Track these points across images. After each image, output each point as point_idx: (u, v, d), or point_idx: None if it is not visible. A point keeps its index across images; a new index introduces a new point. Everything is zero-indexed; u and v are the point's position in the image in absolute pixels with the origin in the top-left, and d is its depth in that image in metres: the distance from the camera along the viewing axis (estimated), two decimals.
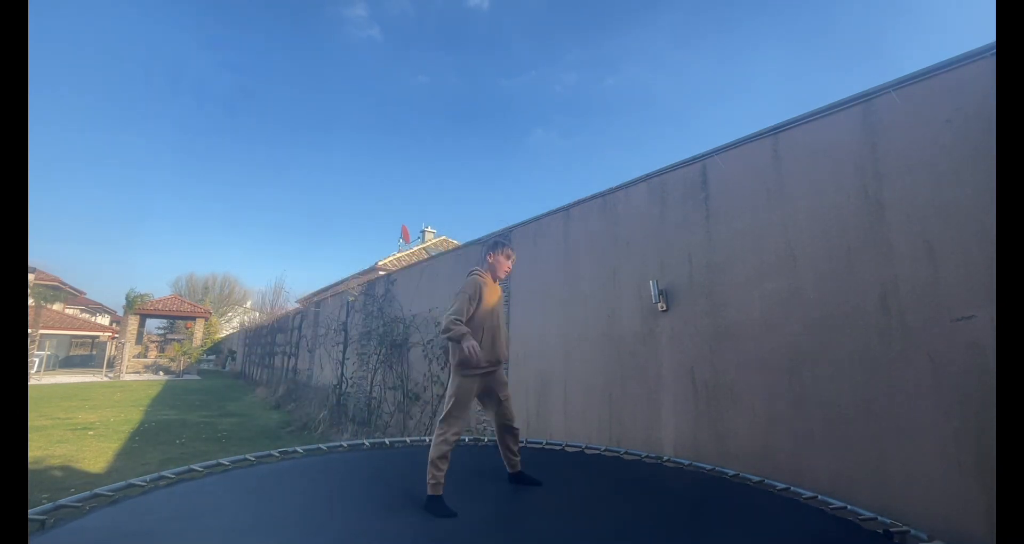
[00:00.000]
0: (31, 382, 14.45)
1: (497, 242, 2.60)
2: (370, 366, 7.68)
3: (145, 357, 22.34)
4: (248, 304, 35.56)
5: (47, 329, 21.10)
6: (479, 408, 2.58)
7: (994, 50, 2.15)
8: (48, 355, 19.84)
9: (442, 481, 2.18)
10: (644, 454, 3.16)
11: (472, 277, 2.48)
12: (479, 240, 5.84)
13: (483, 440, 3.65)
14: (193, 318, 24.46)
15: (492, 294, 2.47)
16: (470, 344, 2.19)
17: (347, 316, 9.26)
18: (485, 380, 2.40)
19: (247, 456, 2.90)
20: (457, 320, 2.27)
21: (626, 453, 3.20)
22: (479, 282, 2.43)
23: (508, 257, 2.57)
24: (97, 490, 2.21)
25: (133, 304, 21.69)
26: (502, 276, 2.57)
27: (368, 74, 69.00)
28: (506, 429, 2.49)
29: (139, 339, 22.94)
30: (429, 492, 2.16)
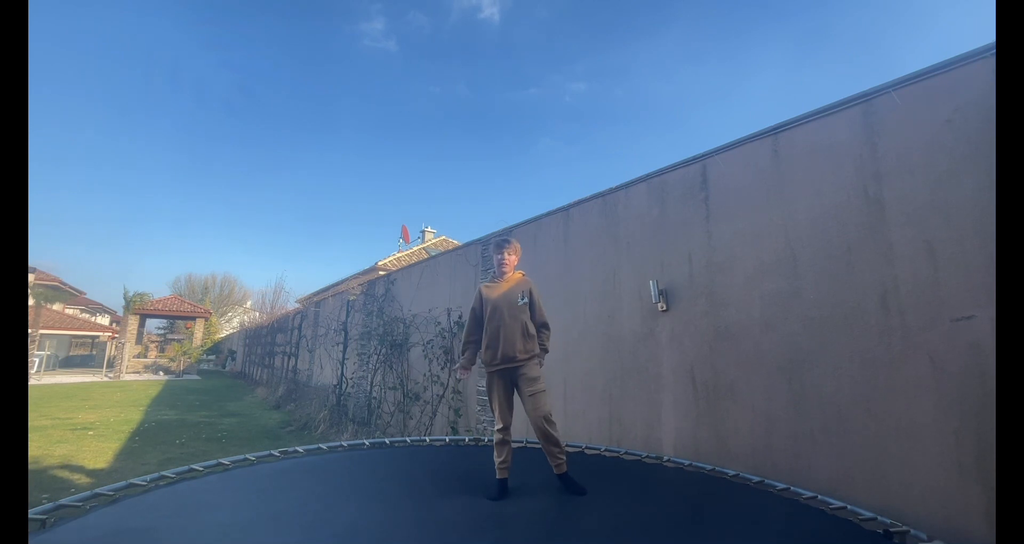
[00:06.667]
0: (31, 382, 14.45)
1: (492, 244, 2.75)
2: (370, 366, 7.68)
3: (145, 357, 22.35)
4: (248, 304, 35.49)
5: (47, 329, 21.11)
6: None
7: (994, 50, 2.15)
8: (48, 355, 19.84)
9: (500, 466, 2.43)
10: (644, 454, 3.16)
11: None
12: (479, 240, 5.84)
13: (483, 440, 3.65)
14: (193, 318, 24.46)
15: (494, 293, 2.59)
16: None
17: (347, 316, 9.25)
18: (504, 377, 2.53)
19: (247, 456, 2.90)
20: (465, 340, 2.65)
21: (626, 453, 3.20)
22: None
23: (497, 252, 2.68)
24: (97, 490, 2.21)
25: (132, 304, 21.67)
26: (507, 271, 2.66)
27: (380, 82, 69.31)
28: (535, 427, 2.49)
29: (139, 339, 22.94)
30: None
